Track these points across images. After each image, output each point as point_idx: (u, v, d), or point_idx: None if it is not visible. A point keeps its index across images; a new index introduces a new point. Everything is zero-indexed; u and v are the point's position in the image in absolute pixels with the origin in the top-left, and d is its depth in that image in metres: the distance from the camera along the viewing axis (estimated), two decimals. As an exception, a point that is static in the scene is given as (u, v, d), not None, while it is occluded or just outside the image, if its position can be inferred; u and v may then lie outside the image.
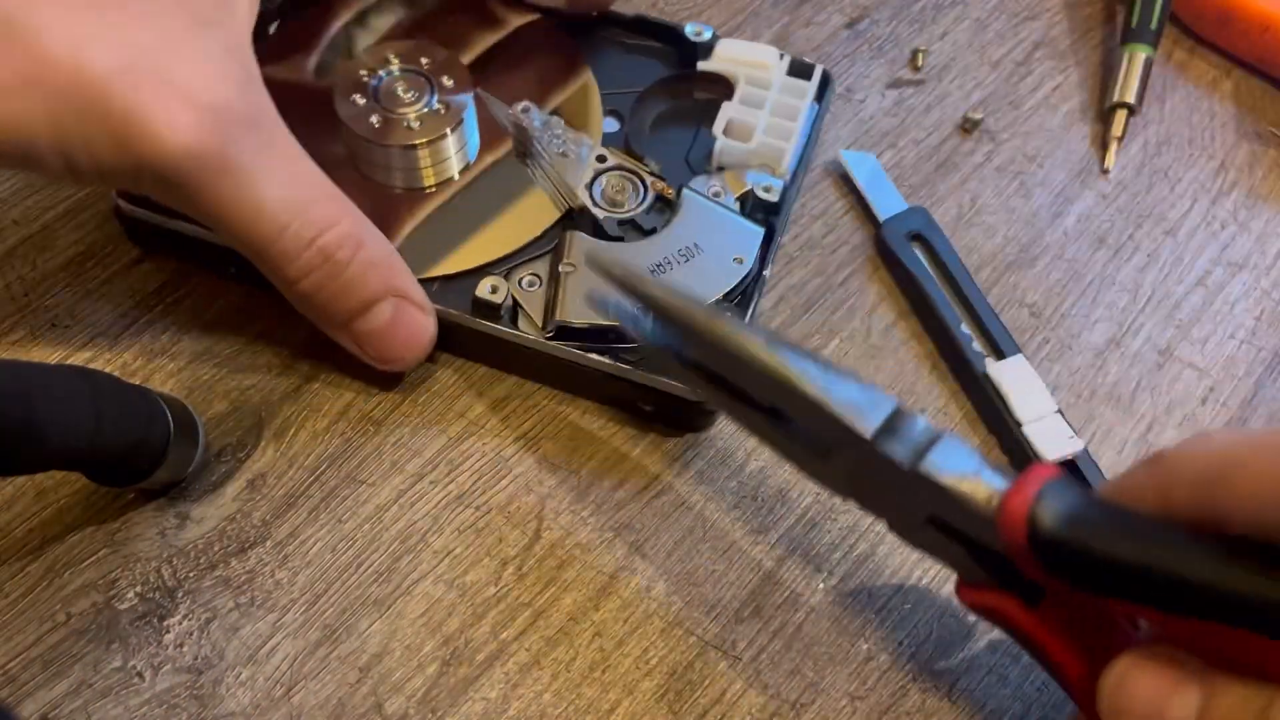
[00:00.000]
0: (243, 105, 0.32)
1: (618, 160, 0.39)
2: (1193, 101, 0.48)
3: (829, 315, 0.41)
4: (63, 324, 0.39)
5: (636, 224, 0.38)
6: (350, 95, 0.39)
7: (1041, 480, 0.26)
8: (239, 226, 0.32)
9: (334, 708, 0.32)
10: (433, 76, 0.39)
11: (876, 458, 0.28)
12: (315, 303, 0.34)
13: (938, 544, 0.29)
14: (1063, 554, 0.25)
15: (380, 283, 0.34)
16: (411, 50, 0.40)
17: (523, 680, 0.33)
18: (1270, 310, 0.43)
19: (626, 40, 0.44)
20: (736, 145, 0.40)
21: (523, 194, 0.40)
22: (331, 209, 0.33)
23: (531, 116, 0.40)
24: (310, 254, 0.33)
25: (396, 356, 0.36)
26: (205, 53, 0.31)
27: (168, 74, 0.30)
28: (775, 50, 0.43)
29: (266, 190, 0.32)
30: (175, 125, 0.30)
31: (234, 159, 0.31)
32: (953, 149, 0.46)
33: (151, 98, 0.30)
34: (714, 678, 0.34)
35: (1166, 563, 0.24)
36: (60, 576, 0.34)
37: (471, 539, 0.35)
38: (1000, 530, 0.26)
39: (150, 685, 0.32)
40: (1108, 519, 0.25)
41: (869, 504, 0.30)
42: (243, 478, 0.36)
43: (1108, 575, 0.25)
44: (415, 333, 0.36)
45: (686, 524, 0.36)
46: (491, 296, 0.36)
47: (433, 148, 0.39)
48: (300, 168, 0.33)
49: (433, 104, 0.39)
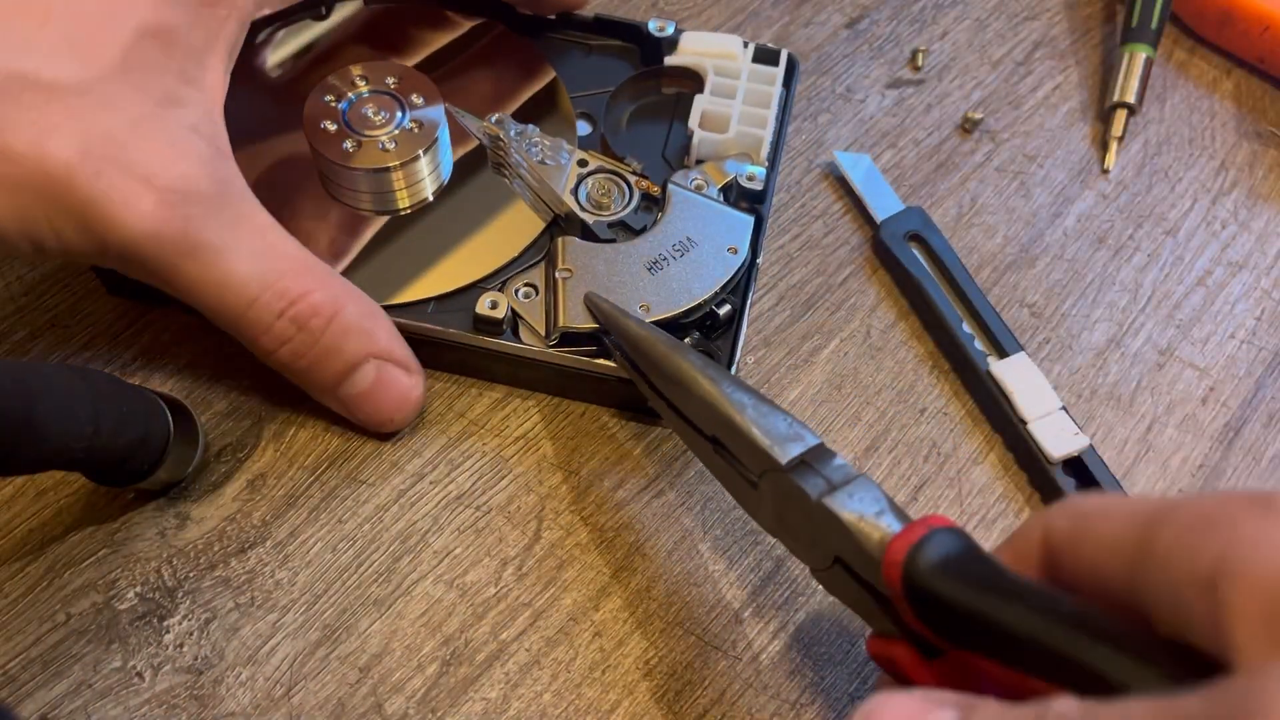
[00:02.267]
0: (207, 184, 0.32)
1: (599, 163, 0.39)
2: (1193, 101, 0.48)
3: (829, 315, 0.41)
4: (63, 324, 0.39)
5: (626, 224, 0.38)
6: (320, 123, 0.38)
7: (929, 528, 0.26)
8: (207, 301, 0.33)
9: (334, 708, 0.32)
10: (401, 95, 0.39)
11: (792, 489, 0.29)
12: (294, 370, 0.35)
13: (847, 589, 0.29)
14: (927, 600, 0.25)
15: (359, 348, 0.34)
16: (377, 70, 0.39)
17: (523, 680, 0.33)
18: (1270, 310, 0.43)
19: (589, 41, 0.44)
20: (714, 136, 0.40)
21: (505, 206, 0.39)
22: (303, 280, 0.33)
23: (506, 127, 0.39)
24: (282, 324, 0.33)
25: (386, 418, 0.36)
26: (167, 134, 0.32)
27: (128, 159, 0.30)
28: (739, 39, 0.43)
29: (233, 265, 0.32)
30: (136, 210, 0.30)
31: (197, 238, 0.31)
32: (953, 149, 0.46)
33: (112, 184, 0.30)
34: (714, 678, 0.34)
35: (996, 614, 0.24)
36: (60, 576, 0.34)
37: (471, 539, 0.35)
38: (883, 572, 0.26)
39: (150, 685, 0.32)
40: (975, 571, 0.25)
41: (790, 543, 0.31)
42: (243, 478, 0.36)
43: (956, 622, 0.25)
44: (402, 394, 0.36)
45: (686, 524, 0.36)
46: (492, 312, 0.36)
47: (409, 168, 0.38)
48: (268, 240, 0.33)
49: (404, 123, 0.38)
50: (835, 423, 0.39)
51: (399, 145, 0.38)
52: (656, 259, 0.37)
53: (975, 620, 0.24)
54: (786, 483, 0.29)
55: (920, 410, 0.39)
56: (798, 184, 0.44)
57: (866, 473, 0.37)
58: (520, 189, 0.40)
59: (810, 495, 0.28)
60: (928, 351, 0.41)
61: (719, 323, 0.37)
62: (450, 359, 0.38)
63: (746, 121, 0.41)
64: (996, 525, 0.37)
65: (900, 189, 0.44)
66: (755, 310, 0.41)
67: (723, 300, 0.37)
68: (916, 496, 0.37)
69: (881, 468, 0.38)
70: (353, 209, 0.39)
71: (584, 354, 0.36)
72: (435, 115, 0.39)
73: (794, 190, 0.44)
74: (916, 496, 0.37)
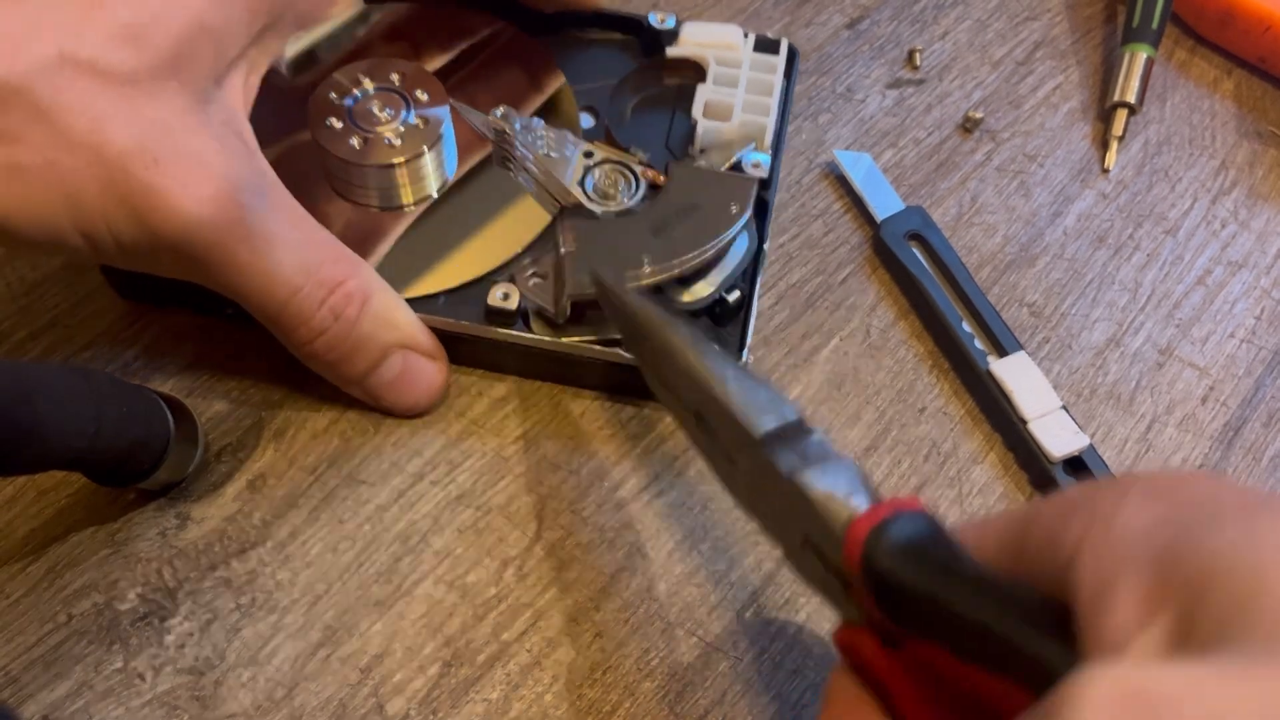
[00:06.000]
0: (250, 174, 0.32)
1: (605, 154, 0.39)
2: (1193, 101, 0.48)
3: (829, 314, 0.41)
4: (63, 324, 0.39)
5: (633, 214, 0.38)
6: (325, 120, 0.38)
7: (894, 510, 0.25)
8: (255, 292, 0.33)
9: (335, 708, 0.32)
10: (406, 92, 0.39)
11: (765, 463, 0.27)
12: (327, 362, 0.35)
13: (815, 572, 0.27)
14: (885, 584, 0.24)
15: (389, 337, 0.35)
16: (381, 67, 0.39)
17: (524, 681, 0.33)
18: (1270, 309, 0.43)
19: (591, 36, 0.44)
20: (718, 125, 0.40)
21: (512, 200, 0.40)
22: (340, 268, 0.34)
23: (511, 121, 0.39)
24: (322, 314, 0.33)
25: (411, 404, 0.37)
26: (211, 129, 0.32)
27: (183, 149, 0.30)
28: (739, 29, 0.43)
29: (282, 255, 0.32)
30: (195, 197, 0.30)
31: (251, 226, 0.32)
32: (953, 148, 0.46)
33: (169, 172, 0.30)
34: (715, 678, 0.34)
35: (948, 599, 0.23)
36: (61, 577, 0.34)
37: (472, 539, 0.35)
38: (843, 552, 0.25)
39: (151, 686, 0.32)
40: (936, 556, 0.24)
41: (765, 522, 0.29)
42: (243, 478, 0.36)
43: (911, 607, 0.24)
44: (427, 381, 0.37)
45: (686, 524, 0.36)
46: (504, 303, 0.36)
47: (415, 164, 0.38)
48: (307, 230, 0.34)
49: (410, 119, 0.38)
50: (835, 422, 0.39)
51: (404, 141, 0.38)
52: (661, 223, 0.37)
53: (928, 605, 0.23)
54: (760, 456, 0.27)
55: (920, 410, 0.39)
56: (798, 183, 0.44)
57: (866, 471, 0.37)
58: (526, 182, 0.40)
59: (782, 470, 0.27)
60: (927, 351, 0.41)
61: (729, 309, 0.37)
62: (463, 351, 0.38)
63: (750, 110, 0.41)
64: (997, 525, 0.37)
65: (900, 188, 0.44)
66: (755, 309, 0.41)
67: (732, 286, 0.37)
68: (917, 496, 0.37)
69: (882, 467, 0.38)
70: (359, 205, 0.39)
71: (594, 342, 0.36)
72: (440, 111, 0.39)
73: (794, 190, 0.44)
74: (917, 496, 0.37)
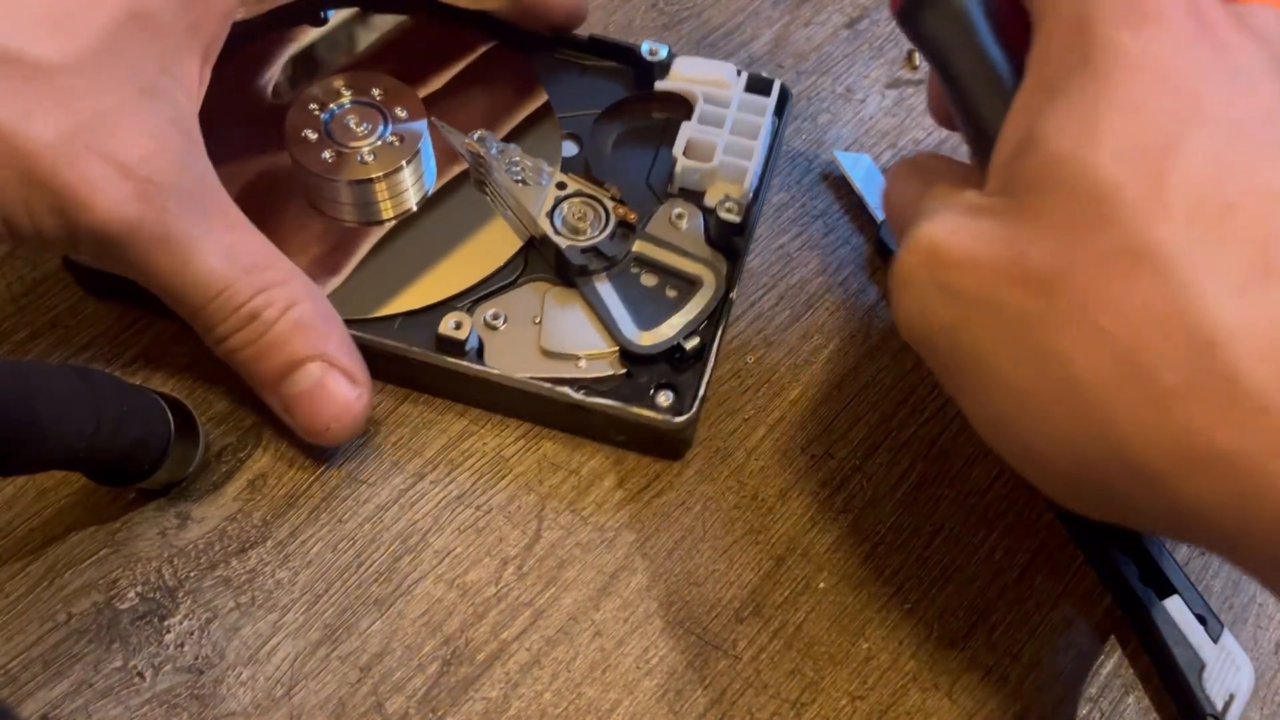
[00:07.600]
0: (182, 177, 0.32)
1: (578, 186, 0.39)
2: (1193, 101, 0.48)
3: (829, 315, 0.41)
4: (63, 324, 0.39)
5: (599, 251, 0.38)
6: (302, 131, 0.38)
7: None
8: (171, 291, 0.33)
9: (335, 707, 0.32)
10: (385, 107, 0.39)
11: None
12: (238, 360, 0.34)
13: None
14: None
15: (307, 345, 0.34)
16: (362, 80, 0.39)
17: (523, 680, 0.33)
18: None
19: (582, 62, 0.44)
20: (698, 165, 0.40)
21: (483, 223, 0.39)
22: (267, 276, 0.33)
23: (488, 144, 0.39)
24: (240, 314, 0.33)
25: (322, 427, 0.34)
26: (146, 124, 0.31)
27: (107, 146, 0.30)
28: (733, 67, 0.42)
29: (202, 260, 0.32)
30: (112, 198, 0.30)
31: (169, 229, 0.32)
32: (953, 148, 0.46)
33: (90, 170, 0.30)
34: (714, 677, 0.34)
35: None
36: (61, 576, 0.34)
37: (472, 539, 0.35)
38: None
39: (151, 685, 0.32)
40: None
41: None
42: (243, 478, 0.36)
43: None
44: (343, 403, 0.34)
45: (686, 524, 0.36)
46: (455, 333, 0.36)
47: (388, 181, 0.38)
48: (238, 236, 0.33)
49: (386, 135, 0.38)
50: (835, 422, 0.39)
51: (378, 158, 0.38)
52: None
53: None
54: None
55: (921, 409, 0.39)
56: (798, 184, 0.44)
57: (866, 471, 0.37)
58: (500, 208, 0.39)
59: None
60: (928, 351, 0.41)
61: (686, 357, 0.37)
62: (411, 377, 0.37)
63: (732, 151, 0.40)
64: (999, 524, 0.37)
65: (900, 189, 0.44)
66: (755, 310, 0.41)
67: (692, 332, 0.37)
68: (916, 496, 0.37)
69: (882, 467, 0.38)
70: (333, 220, 0.39)
71: (547, 381, 0.36)
72: (418, 129, 0.39)
73: (794, 190, 0.44)
74: (916, 496, 0.37)
